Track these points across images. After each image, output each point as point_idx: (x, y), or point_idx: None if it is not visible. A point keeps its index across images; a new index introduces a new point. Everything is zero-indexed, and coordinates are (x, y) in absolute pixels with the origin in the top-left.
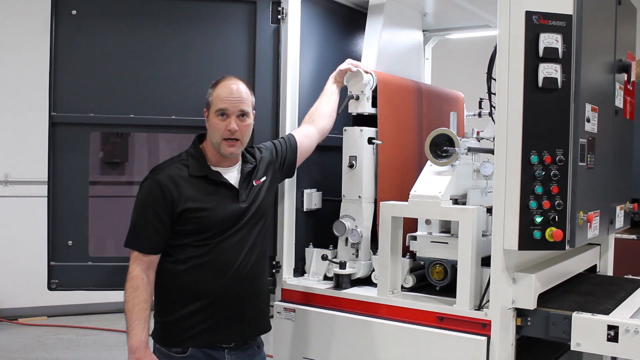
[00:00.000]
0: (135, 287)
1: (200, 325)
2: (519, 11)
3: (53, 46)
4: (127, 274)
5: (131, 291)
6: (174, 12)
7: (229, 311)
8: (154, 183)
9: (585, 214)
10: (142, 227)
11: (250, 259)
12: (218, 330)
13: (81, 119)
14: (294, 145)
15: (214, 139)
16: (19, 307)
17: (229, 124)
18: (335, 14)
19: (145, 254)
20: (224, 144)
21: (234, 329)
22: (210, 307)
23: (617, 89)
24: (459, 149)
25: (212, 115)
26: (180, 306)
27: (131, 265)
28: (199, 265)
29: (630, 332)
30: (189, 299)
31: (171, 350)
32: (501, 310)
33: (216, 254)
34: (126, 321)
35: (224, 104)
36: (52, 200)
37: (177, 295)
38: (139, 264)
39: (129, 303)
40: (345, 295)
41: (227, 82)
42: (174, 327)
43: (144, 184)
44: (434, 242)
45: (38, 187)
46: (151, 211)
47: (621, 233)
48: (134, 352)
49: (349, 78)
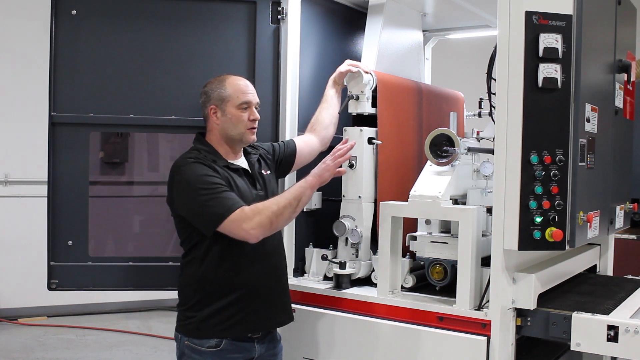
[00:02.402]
0: (264, 205)
1: (237, 315)
2: (519, 11)
3: (53, 46)
4: (248, 222)
5: (269, 205)
6: (174, 12)
7: (261, 300)
8: (195, 163)
9: (585, 214)
10: (217, 194)
11: (274, 246)
12: (253, 319)
13: (81, 119)
14: (293, 149)
15: (237, 130)
16: (19, 307)
17: (252, 114)
18: (335, 14)
19: (240, 207)
20: (247, 132)
21: (266, 317)
22: (246, 297)
23: (617, 89)
24: (459, 149)
25: (233, 109)
26: (217, 298)
27: (245, 222)
28: (232, 255)
29: (630, 332)
30: (225, 290)
31: (204, 345)
32: (501, 310)
33: (242, 244)
34: (291, 199)
35: (247, 97)
36: (52, 200)
37: (213, 287)
38: (243, 209)
39: (280, 203)
40: (345, 295)
41: (237, 77)
42: (211, 320)
43: (183, 168)
44: (434, 242)
45: (38, 187)
46: (212, 180)
47: (621, 233)
48: (315, 175)
49: (349, 78)
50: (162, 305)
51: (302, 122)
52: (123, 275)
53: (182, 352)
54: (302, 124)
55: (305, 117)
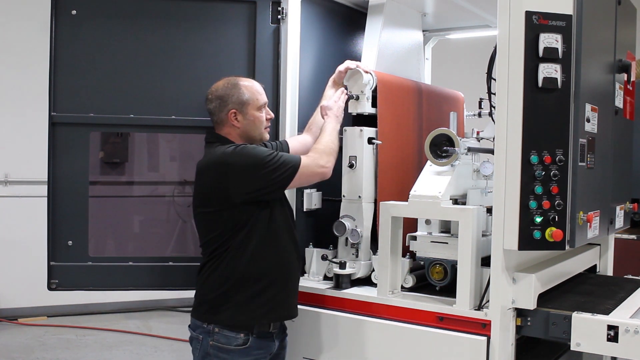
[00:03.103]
0: (322, 145)
1: (274, 299)
2: (519, 11)
3: (53, 46)
4: (320, 160)
5: (325, 143)
6: (174, 12)
7: (290, 284)
8: (239, 147)
9: (585, 214)
10: (278, 155)
11: (291, 236)
12: (285, 303)
13: (81, 119)
14: (285, 150)
15: (258, 130)
16: (19, 307)
17: (268, 113)
18: (335, 14)
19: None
20: (265, 132)
21: (294, 302)
22: (279, 280)
23: (617, 89)
24: (459, 149)
25: (254, 111)
26: (256, 282)
27: (318, 161)
28: (267, 243)
29: (630, 332)
30: (263, 274)
31: (232, 343)
32: (501, 310)
33: (277, 226)
34: (328, 127)
35: (264, 98)
36: (52, 200)
37: (251, 271)
38: (307, 155)
39: (330, 137)
40: (345, 295)
41: (247, 80)
42: (249, 306)
43: (231, 157)
44: (434, 242)
45: (38, 187)
46: (265, 149)
47: (621, 233)
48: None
49: (348, 77)
50: (162, 305)
51: (302, 122)
52: (123, 275)
53: (207, 352)
54: (302, 124)
55: (305, 117)
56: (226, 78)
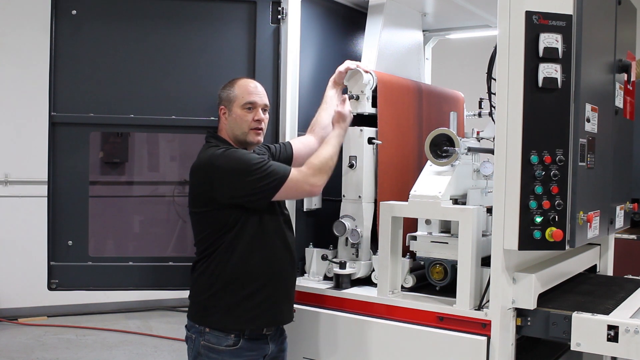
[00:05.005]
0: (318, 160)
1: (263, 304)
2: (519, 11)
3: (53, 46)
4: (311, 178)
5: (322, 158)
6: (174, 12)
7: (281, 289)
8: (230, 150)
9: (585, 214)
10: (268, 164)
11: (292, 240)
12: (275, 309)
13: (81, 119)
14: (289, 153)
15: (240, 130)
16: (19, 307)
17: (256, 115)
18: (335, 14)
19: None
20: (251, 133)
21: (285, 308)
22: (269, 284)
23: (617, 89)
24: (459, 149)
25: (237, 109)
26: (244, 285)
27: (309, 178)
28: (259, 245)
29: (630, 332)
30: (252, 277)
31: (222, 344)
32: (501, 310)
33: (267, 230)
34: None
35: (253, 97)
36: (52, 200)
37: (238, 275)
38: (299, 168)
39: (329, 152)
40: (345, 295)
41: (247, 80)
42: (237, 309)
43: (220, 159)
44: (434, 242)
45: (38, 187)
46: (255, 155)
47: (621, 233)
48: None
49: (348, 77)
50: (162, 305)
51: (302, 123)
52: (123, 275)
53: (198, 352)
54: (302, 124)
55: (305, 117)
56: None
